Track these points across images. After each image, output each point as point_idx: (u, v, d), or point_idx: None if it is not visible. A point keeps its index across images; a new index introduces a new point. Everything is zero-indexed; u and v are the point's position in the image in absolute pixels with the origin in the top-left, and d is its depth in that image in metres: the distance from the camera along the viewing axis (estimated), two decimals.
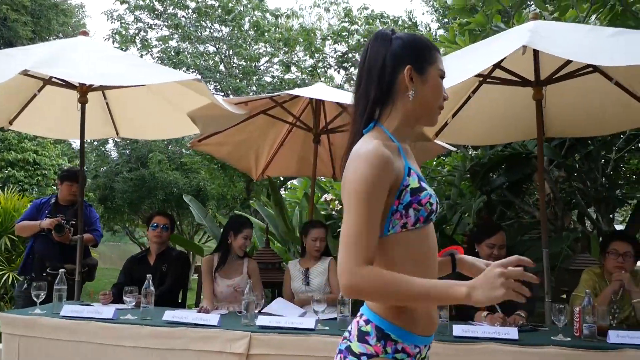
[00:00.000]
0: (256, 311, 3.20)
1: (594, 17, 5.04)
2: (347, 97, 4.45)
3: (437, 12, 11.76)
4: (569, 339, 2.81)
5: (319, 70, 13.87)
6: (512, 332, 2.81)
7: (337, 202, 6.01)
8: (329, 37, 13.40)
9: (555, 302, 3.16)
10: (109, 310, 3.14)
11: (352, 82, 13.82)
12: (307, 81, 13.53)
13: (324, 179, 6.56)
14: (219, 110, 3.86)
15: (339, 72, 14.15)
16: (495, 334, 2.81)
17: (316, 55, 13.41)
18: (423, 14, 24.21)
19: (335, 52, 13.96)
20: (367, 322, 1.45)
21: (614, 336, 2.74)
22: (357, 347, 1.43)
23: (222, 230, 4.11)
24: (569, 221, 5.13)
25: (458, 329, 2.86)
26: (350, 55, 13.39)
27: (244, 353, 2.92)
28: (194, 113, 4.02)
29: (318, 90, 4.45)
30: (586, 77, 3.57)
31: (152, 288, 3.19)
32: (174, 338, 3.01)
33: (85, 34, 4.09)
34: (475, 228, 4.11)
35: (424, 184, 1.47)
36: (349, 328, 1.51)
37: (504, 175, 5.19)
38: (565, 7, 4.83)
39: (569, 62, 3.39)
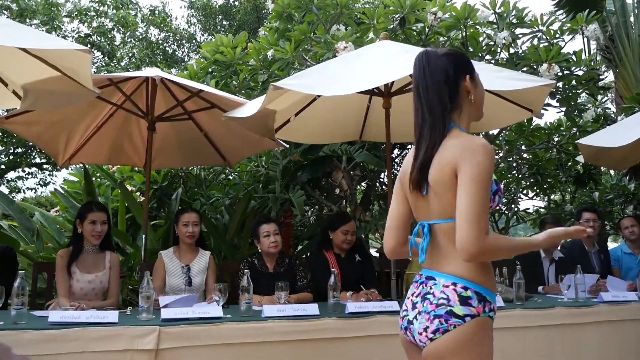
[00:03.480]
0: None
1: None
2: (197, 85, 4.37)
3: (196, 10, 11.82)
4: None
5: None
6: (394, 305, 3.29)
7: (138, 193, 5.70)
8: (72, 14, 12.17)
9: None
10: None
11: (93, 66, 12.79)
12: None
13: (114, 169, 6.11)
14: (65, 85, 3.42)
15: None
16: (382, 308, 3.24)
17: (54, 32, 12.02)
18: (180, 7, 23.62)
19: (77, 32, 12.73)
20: (466, 288, 1.74)
21: None
22: (460, 310, 1.71)
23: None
24: (359, 213, 5.92)
25: (351, 306, 3.20)
26: (93, 38, 12.39)
27: (154, 349, 2.74)
28: (29, 85, 3.48)
29: (156, 73, 4.24)
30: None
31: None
32: (66, 341, 2.64)
33: None
34: (329, 218, 4.52)
35: None
36: (440, 296, 1.75)
37: (307, 173, 5.71)
38: (366, 29, 5.58)
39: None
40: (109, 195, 5.57)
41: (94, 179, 6.14)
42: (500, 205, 7.89)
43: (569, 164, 7.13)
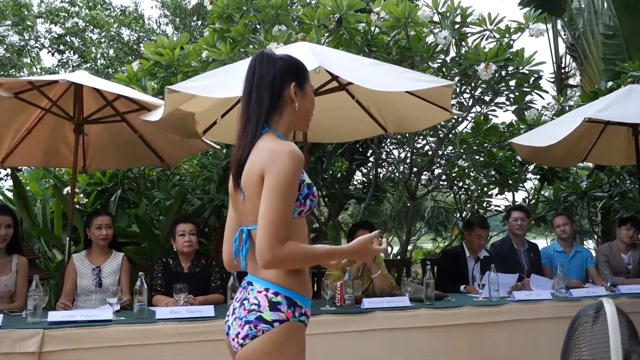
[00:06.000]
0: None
1: (327, 40, 5.96)
2: (117, 88, 4.39)
3: (167, 9, 11.84)
4: (334, 307, 3.46)
5: (28, 50, 12.48)
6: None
7: (81, 195, 5.72)
8: (43, 15, 12.18)
9: None
10: None
11: (68, 67, 12.81)
12: (13, 59, 12.05)
13: (61, 171, 6.14)
14: None
15: (53, 54, 12.95)
16: None
17: (26, 33, 12.04)
18: (152, 7, 23.69)
19: (50, 33, 12.74)
20: (276, 294, 1.75)
21: (366, 303, 3.48)
22: (269, 315, 1.72)
23: None
24: None
25: None
26: (67, 38, 12.41)
27: (37, 352, 2.77)
28: None
29: (84, 78, 4.27)
30: (336, 94, 4.31)
31: None
32: None
33: None
34: None
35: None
36: (252, 302, 1.75)
37: None
38: (308, 29, 5.60)
39: (329, 81, 4.07)
40: (47, 198, 5.59)
41: (45, 180, 6.19)
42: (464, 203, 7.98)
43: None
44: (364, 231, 4.08)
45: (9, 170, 5.58)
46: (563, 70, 10.97)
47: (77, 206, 5.64)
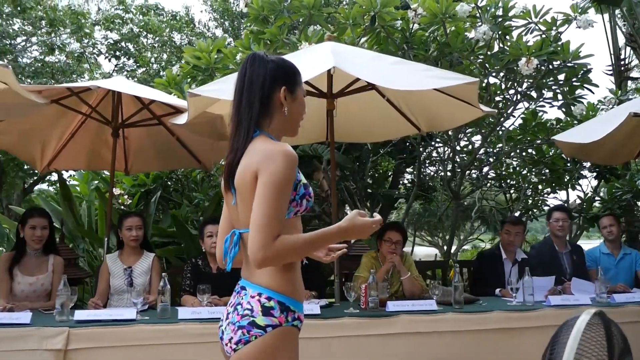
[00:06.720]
0: None
1: (364, 39, 5.91)
2: (151, 92, 4.51)
3: (216, 12, 12.08)
4: (358, 310, 3.42)
5: (86, 56, 13.03)
6: (315, 308, 3.30)
7: (126, 196, 5.92)
8: (100, 23, 12.69)
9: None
10: None
11: (124, 72, 13.31)
12: (72, 66, 12.63)
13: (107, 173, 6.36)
14: (15, 97, 3.60)
15: (109, 60, 13.48)
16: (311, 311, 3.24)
17: (84, 40, 12.58)
18: (201, 12, 24.32)
19: (107, 40, 13.27)
20: (269, 299, 1.74)
21: (391, 306, 3.42)
22: (262, 320, 1.72)
23: None
24: (342, 215, 5.92)
25: None
26: (123, 44, 12.88)
27: (62, 349, 2.88)
28: None
29: (120, 83, 4.41)
30: (366, 93, 4.26)
31: None
32: None
33: None
34: None
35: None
36: (245, 307, 1.75)
37: None
38: (344, 29, 5.57)
39: (355, 80, 4.02)
40: (92, 199, 5.81)
41: (95, 182, 6.45)
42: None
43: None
44: (393, 233, 4.02)
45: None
46: (622, 63, 10.41)
47: (122, 207, 5.85)
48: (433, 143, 7.04)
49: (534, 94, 5.87)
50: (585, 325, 1.45)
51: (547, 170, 6.90)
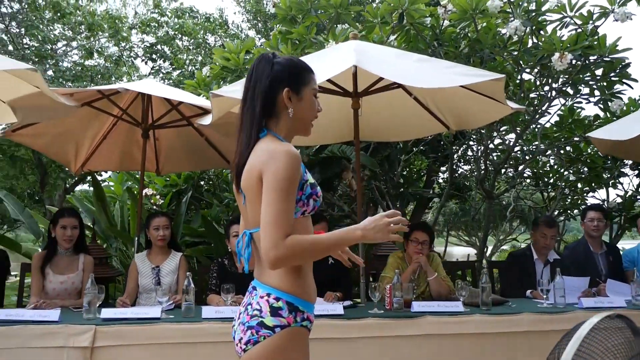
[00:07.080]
0: None
1: (392, 37, 5.85)
2: (178, 94, 4.57)
3: (249, 13, 12.17)
4: (382, 311, 3.38)
5: (124, 59, 13.33)
6: (338, 308, 3.27)
7: (158, 196, 6.02)
8: (136, 27, 12.96)
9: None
10: None
11: (160, 74, 13.57)
12: (110, 69, 12.94)
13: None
14: (46, 100, 3.70)
15: (146, 63, 13.76)
16: (324, 311, 3.23)
17: (122, 43, 12.87)
18: (235, 13, 24.56)
19: (144, 43, 13.54)
20: (278, 299, 1.74)
21: (416, 306, 3.37)
22: (270, 321, 1.71)
23: None
24: (371, 214, 5.86)
25: None
26: (159, 47, 13.12)
27: (89, 346, 2.93)
28: (15, 102, 3.80)
29: (149, 85, 4.48)
30: (392, 91, 4.22)
31: None
32: (8, 337, 2.89)
33: None
34: None
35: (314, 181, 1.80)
36: (255, 307, 1.75)
37: (318, 174, 5.75)
38: (372, 27, 5.52)
39: (381, 78, 3.98)
40: (125, 200, 5.93)
41: (129, 182, 6.59)
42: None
43: None
44: (419, 233, 3.97)
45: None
46: None
47: (154, 207, 5.95)
48: (466, 141, 6.92)
49: (570, 90, 5.70)
50: (588, 330, 1.38)
51: (586, 169, 6.68)
